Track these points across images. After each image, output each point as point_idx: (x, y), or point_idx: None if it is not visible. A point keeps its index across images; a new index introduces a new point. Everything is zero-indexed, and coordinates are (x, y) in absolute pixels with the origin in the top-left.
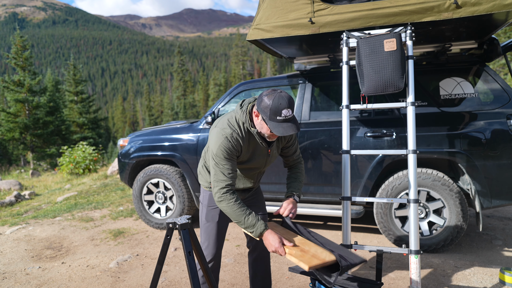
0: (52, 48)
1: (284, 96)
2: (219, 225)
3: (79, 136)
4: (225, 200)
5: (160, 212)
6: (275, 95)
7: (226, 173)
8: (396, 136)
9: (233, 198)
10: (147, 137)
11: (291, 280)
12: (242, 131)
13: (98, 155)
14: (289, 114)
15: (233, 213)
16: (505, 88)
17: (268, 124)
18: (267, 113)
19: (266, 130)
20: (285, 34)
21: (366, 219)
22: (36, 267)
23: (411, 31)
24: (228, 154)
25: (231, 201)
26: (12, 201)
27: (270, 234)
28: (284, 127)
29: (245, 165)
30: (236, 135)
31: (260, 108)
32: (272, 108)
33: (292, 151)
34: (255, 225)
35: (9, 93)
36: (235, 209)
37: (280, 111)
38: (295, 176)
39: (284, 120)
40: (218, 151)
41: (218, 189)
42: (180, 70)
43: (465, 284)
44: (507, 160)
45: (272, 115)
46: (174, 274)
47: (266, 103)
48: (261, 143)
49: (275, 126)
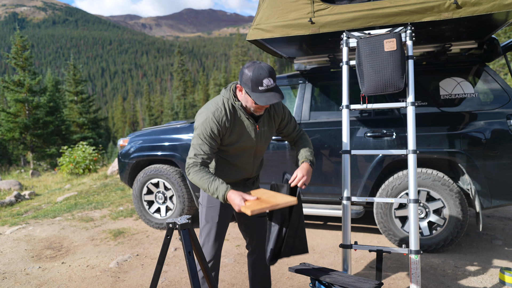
0: (52, 48)
1: (264, 66)
2: (218, 226)
3: (79, 136)
4: (191, 171)
5: (160, 212)
6: (255, 66)
7: (199, 151)
8: (396, 136)
9: (200, 168)
10: (147, 137)
11: (291, 280)
12: (227, 108)
13: (98, 155)
14: (271, 84)
15: (200, 180)
16: (505, 88)
17: (251, 96)
18: (249, 85)
19: (250, 103)
20: (285, 34)
21: (366, 219)
22: (36, 267)
23: (411, 31)
24: (209, 133)
25: (196, 169)
26: (12, 201)
27: (232, 194)
28: (267, 97)
29: (236, 146)
30: (220, 113)
31: (242, 81)
32: (253, 79)
33: (292, 128)
34: (218, 188)
35: (9, 93)
36: (201, 176)
37: (261, 81)
38: (303, 144)
39: (267, 90)
40: (201, 128)
41: (187, 164)
42: (180, 70)
43: (465, 284)
44: (507, 160)
45: (254, 86)
46: (174, 274)
47: (247, 75)
48: (248, 119)
49: (258, 96)
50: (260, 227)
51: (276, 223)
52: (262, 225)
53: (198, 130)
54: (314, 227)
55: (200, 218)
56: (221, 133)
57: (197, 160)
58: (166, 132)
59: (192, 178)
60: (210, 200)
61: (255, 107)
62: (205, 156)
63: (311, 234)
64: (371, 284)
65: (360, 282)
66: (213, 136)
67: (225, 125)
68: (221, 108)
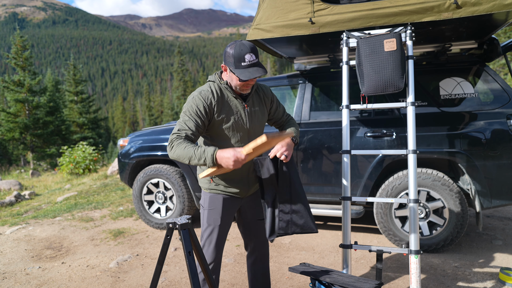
0: (52, 48)
1: (245, 43)
2: (220, 229)
3: (79, 136)
4: (175, 143)
5: (160, 212)
6: (236, 44)
7: (183, 126)
8: (396, 136)
9: (184, 140)
10: (147, 137)
11: (291, 280)
12: (213, 89)
13: (98, 155)
14: (253, 59)
15: (184, 150)
16: (505, 88)
17: (235, 73)
18: (232, 62)
19: (235, 80)
20: (285, 34)
21: (366, 219)
22: (36, 267)
23: (411, 31)
24: (195, 110)
25: (180, 141)
26: (12, 201)
27: (221, 152)
28: (250, 71)
29: (227, 126)
30: (206, 92)
31: (225, 60)
32: (235, 56)
33: (281, 113)
34: (205, 151)
35: (9, 93)
36: (184, 146)
37: (243, 57)
38: (289, 125)
39: (249, 65)
40: (187, 106)
41: (170, 139)
42: (180, 70)
43: (465, 284)
44: (507, 160)
45: (236, 62)
46: (174, 274)
47: (229, 53)
48: (236, 98)
49: (241, 72)
50: (259, 229)
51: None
52: (261, 228)
53: (184, 108)
54: None
55: (201, 220)
56: (208, 113)
57: (181, 134)
58: (166, 132)
59: (175, 151)
60: (212, 202)
61: (240, 85)
62: (189, 131)
63: (311, 234)
64: (371, 284)
65: (360, 282)
66: (199, 114)
67: (211, 103)
68: (208, 89)
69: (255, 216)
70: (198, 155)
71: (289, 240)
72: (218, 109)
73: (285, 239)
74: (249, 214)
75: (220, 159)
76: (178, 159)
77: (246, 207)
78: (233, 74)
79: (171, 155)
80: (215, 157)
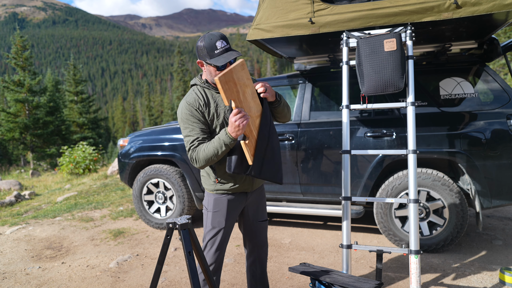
0: (52, 48)
1: (213, 33)
2: (224, 231)
3: (79, 136)
4: (194, 155)
5: (160, 212)
6: (205, 36)
7: (192, 136)
8: (396, 136)
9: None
10: (147, 137)
11: (291, 280)
12: (197, 92)
13: (98, 155)
14: (224, 45)
15: (206, 151)
16: (505, 88)
17: (211, 63)
18: (206, 53)
19: (213, 71)
20: (285, 34)
21: (366, 219)
22: (36, 267)
23: (411, 31)
24: (189, 116)
25: (197, 150)
26: (12, 201)
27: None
28: (224, 57)
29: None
30: (191, 97)
31: (199, 55)
32: (207, 46)
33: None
34: (219, 138)
35: (9, 93)
36: (203, 149)
37: (214, 45)
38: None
39: (222, 51)
40: (181, 118)
41: (190, 157)
42: (180, 70)
43: (465, 284)
44: (507, 160)
45: (209, 52)
46: (174, 274)
47: (200, 46)
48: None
49: (217, 59)
50: (260, 230)
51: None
52: (262, 229)
53: (180, 122)
54: (314, 227)
55: (204, 222)
56: (201, 114)
57: (194, 144)
58: (166, 132)
59: (200, 159)
60: (217, 204)
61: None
62: (200, 137)
63: (311, 234)
64: (371, 284)
65: (360, 282)
66: (196, 118)
67: (199, 105)
68: (192, 94)
69: (256, 217)
70: (218, 145)
71: (289, 240)
72: (207, 109)
73: (285, 239)
74: (251, 215)
75: (231, 131)
76: (207, 163)
77: (249, 208)
78: (209, 66)
79: (200, 165)
80: (228, 133)
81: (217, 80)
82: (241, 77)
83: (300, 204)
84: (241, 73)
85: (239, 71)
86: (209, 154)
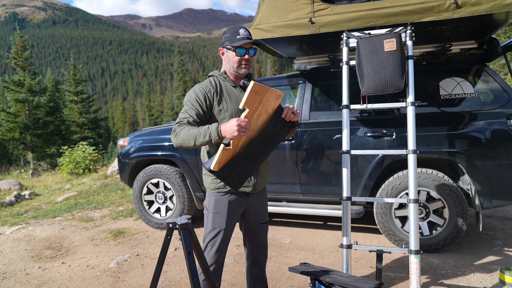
0: (52, 48)
1: (238, 25)
2: (225, 232)
3: (79, 136)
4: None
5: (160, 212)
6: (230, 27)
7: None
8: (396, 136)
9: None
10: (147, 137)
11: (291, 280)
12: (212, 81)
13: (98, 155)
14: (247, 34)
15: (188, 132)
16: (505, 88)
17: (232, 46)
18: (228, 38)
19: (232, 58)
20: (285, 34)
21: (366, 219)
22: (36, 267)
23: (411, 31)
24: (195, 98)
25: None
26: (12, 201)
27: (224, 124)
28: (244, 40)
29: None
30: (205, 83)
31: (222, 44)
32: (231, 31)
33: None
34: (209, 127)
35: (9, 93)
36: (189, 128)
37: (238, 31)
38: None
39: (244, 38)
40: (187, 97)
41: (173, 128)
42: (180, 70)
43: (465, 284)
44: (507, 160)
45: (232, 36)
46: (174, 274)
47: (225, 33)
48: (235, 87)
49: (237, 42)
50: (260, 232)
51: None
52: (262, 231)
53: (185, 99)
54: (314, 227)
55: (205, 222)
56: (208, 100)
57: (183, 121)
58: (166, 132)
59: (179, 135)
60: (217, 205)
61: (238, 61)
62: (191, 118)
63: (311, 234)
64: (371, 284)
65: (360, 282)
66: (199, 102)
67: (210, 91)
68: (206, 81)
69: (258, 219)
70: (203, 132)
71: (289, 240)
72: (218, 98)
73: (285, 239)
74: (252, 217)
75: (224, 130)
76: (183, 143)
77: (250, 209)
78: (230, 51)
79: (175, 141)
80: (219, 130)
81: (252, 83)
82: (269, 103)
83: (300, 204)
84: (272, 100)
85: (272, 97)
86: (189, 136)
